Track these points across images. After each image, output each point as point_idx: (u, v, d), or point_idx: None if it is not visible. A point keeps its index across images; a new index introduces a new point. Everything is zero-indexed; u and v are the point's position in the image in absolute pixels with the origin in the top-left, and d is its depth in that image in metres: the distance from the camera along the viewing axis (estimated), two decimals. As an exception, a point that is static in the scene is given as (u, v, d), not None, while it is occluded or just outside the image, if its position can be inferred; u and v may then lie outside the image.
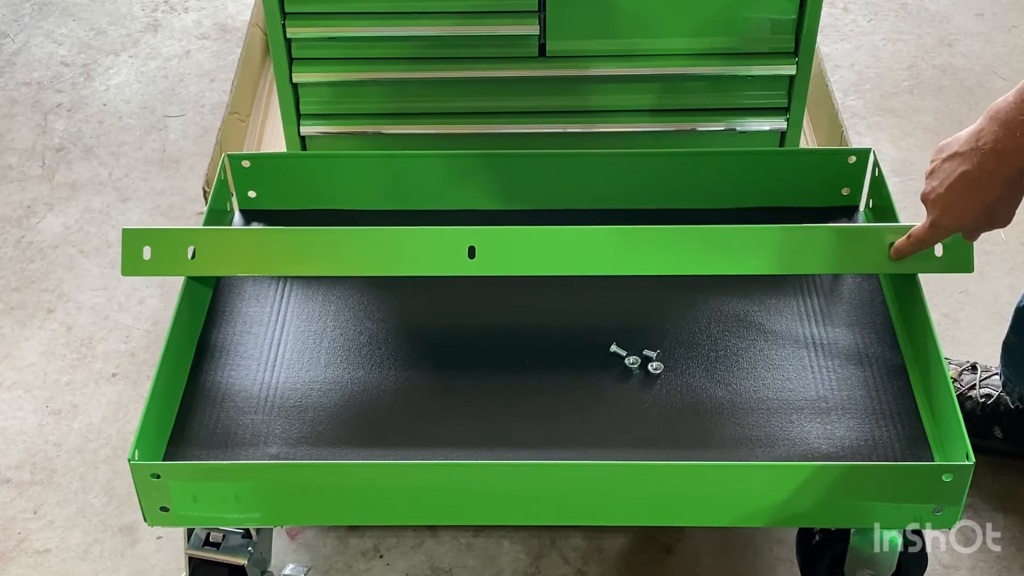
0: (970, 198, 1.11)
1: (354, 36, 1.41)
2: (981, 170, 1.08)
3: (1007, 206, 1.12)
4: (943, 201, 1.13)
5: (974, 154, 1.08)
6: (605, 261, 1.22)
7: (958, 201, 1.12)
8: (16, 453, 1.52)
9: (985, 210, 1.11)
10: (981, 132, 1.07)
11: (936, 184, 1.13)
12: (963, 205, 1.12)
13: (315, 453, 1.15)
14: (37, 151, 2.05)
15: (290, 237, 1.24)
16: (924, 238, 1.19)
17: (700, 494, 1.10)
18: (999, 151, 1.06)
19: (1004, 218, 1.13)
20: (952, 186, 1.11)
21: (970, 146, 1.09)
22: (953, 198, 1.12)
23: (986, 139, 1.07)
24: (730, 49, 1.41)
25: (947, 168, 1.12)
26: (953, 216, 1.14)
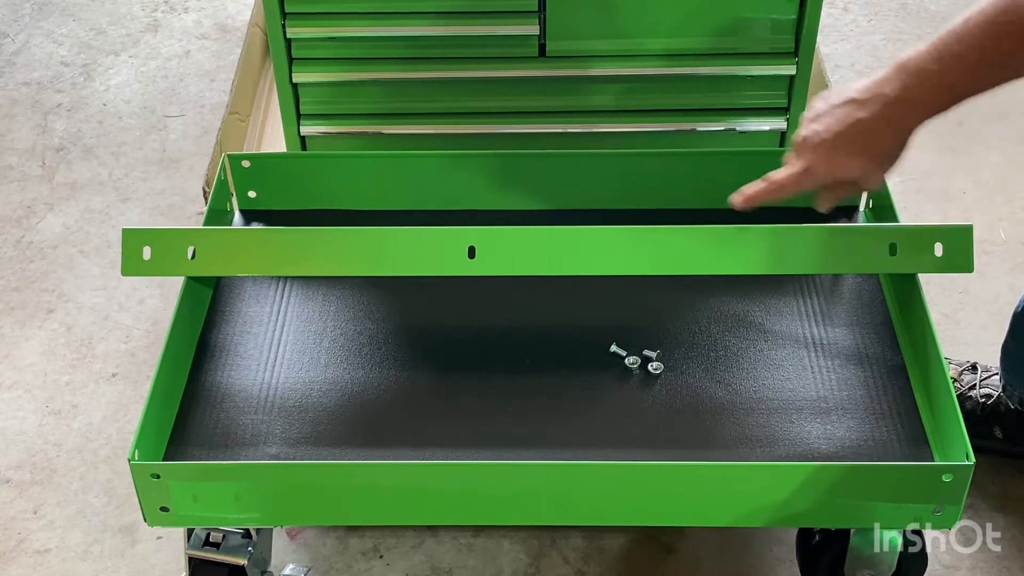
0: (859, 148, 1.06)
1: (354, 36, 1.41)
2: (879, 118, 1.04)
3: (887, 164, 1.08)
4: (827, 147, 1.07)
5: (875, 102, 1.04)
6: (605, 261, 1.22)
7: (844, 148, 1.06)
8: (16, 453, 1.52)
9: (868, 164, 1.07)
10: (886, 80, 1.03)
11: (821, 129, 1.07)
12: (848, 153, 1.07)
13: (315, 453, 1.15)
14: (37, 151, 2.05)
15: (290, 237, 1.24)
16: (788, 185, 1.12)
17: (700, 494, 1.10)
18: (903, 100, 1.02)
19: (875, 179, 1.10)
20: (843, 132, 1.06)
21: (871, 94, 1.04)
22: (840, 145, 1.06)
23: (892, 87, 1.02)
24: (730, 49, 1.41)
25: (839, 113, 1.06)
26: (832, 165, 1.08)
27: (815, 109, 1.10)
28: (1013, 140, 2.02)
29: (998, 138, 2.02)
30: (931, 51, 1.00)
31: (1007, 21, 0.94)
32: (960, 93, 1.01)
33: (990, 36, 0.96)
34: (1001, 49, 0.96)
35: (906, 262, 1.22)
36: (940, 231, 1.22)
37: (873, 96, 1.04)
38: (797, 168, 1.11)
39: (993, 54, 0.96)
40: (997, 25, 0.95)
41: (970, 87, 1.01)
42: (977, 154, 1.99)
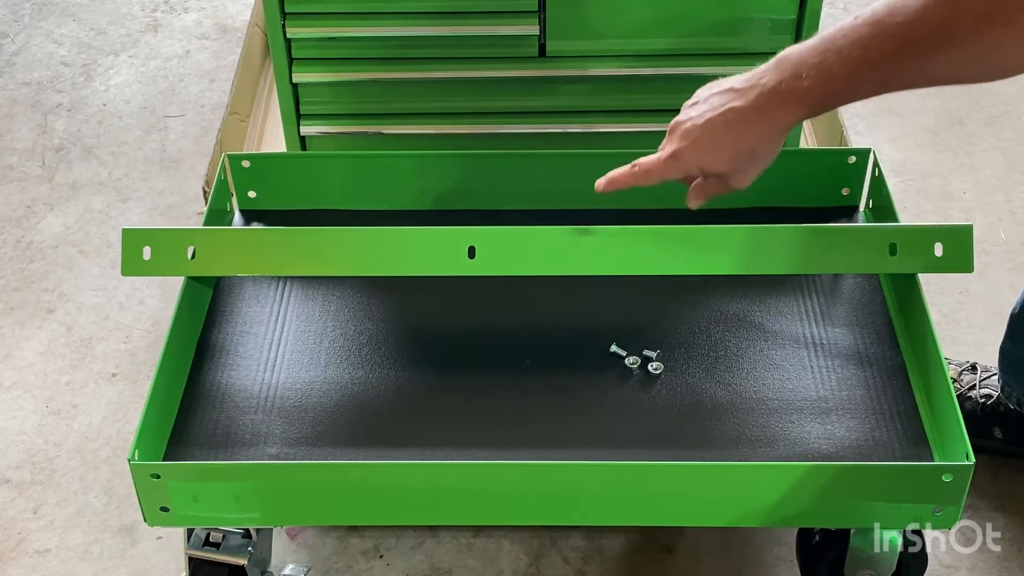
0: (728, 137, 1.02)
1: (354, 36, 1.41)
2: (752, 109, 1.00)
3: (757, 161, 1.05)
4: (696, 133, 1.04)
5: (751, 91, 1.00)
6: (605, 261, 1.22)
7: (714, 137, 1.03)
8: (16, 453, 1.52)
9: (735, 157, 1.04)
10: (766, 71, 1.00)
11: (695, 115, 1.04)
12: (716, 143, 1.03)
13: (315, 453, 1.15)
14: (37, 151, 2.05)
15: (290, 237, 1.24)
16: (654, 170, 1.08)
17: (700, 494, 1.10)
18: (779, 92, 0.98)
19: (744, 177, 1.06)
20: (714, 120, 1.02)
21: (750, 83, 1.00)
22: (710, 132, 1.03)
23: (768, 78, 0.99)
24: (730, 49, 1.41)
25: (716, 100, 1.03)
26: (699, 152, 1.04)
27: (696, 95, 1.07)
28: (1013, 140, 2.02)
29: (998, 138, 2.02)
30: (815, 45, 0.96)
31: (894, 22, 0.91)
32: (839, 93, 0.97)
33: (874, 35, 0.92)
34: (883, 49, 0.92)
35: (906, 262, 1.22)
36: (940, 231, 1.22)
37: (751, 86, 1.00)
38: (665, 153, 1.07)
39: (875, 54, 0.92)
40: (883, 25, 0.92)
41: (849, 88, 0.96)
42: (977, 154, 1.99)
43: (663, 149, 1.08)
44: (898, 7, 0.91)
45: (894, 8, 0.91)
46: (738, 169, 1.05)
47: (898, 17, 0.91)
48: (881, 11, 0.92)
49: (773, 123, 1.00)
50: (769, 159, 1.05)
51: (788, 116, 0.99)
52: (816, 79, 0.96)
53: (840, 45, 0.94)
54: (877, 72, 0.93)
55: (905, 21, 0.90)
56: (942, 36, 0.88)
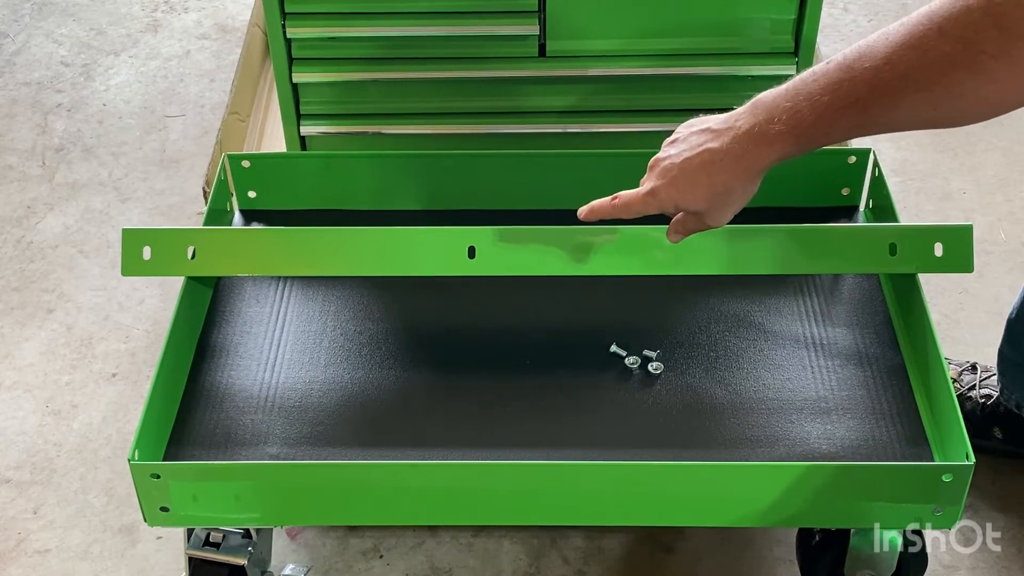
0: (703, 177, 1.03)
1: (354, 36, 1.41)
2: (726, 152, 1.01)
3: (730, 202, 1.05)
4: (674, 172, 1.05)
5: (727, 134, 1.01)
6: (605, 261, 1.22)
7: (689, 176, 1.04)
8: (16, 453, 1.52)
9: (710, 197, 1.04)
10: (741, 113, 1.01)
11: (674, 153, 1.06)
12: (692, 182, 1.04)
13: (315, 453, 1.15)
14: (37, 151, 2.05)
15: (290, 237, 1.24)
16: (633, 204, 1.09)
17: (700, 494, 1.10)
18: (753, 135, 0.99)
19: (719, 217, 1.07)
20: (691, 159, 1.04)
21: (726, 125, 1.02)
22: (686, 172, 1.04)
23: (743, 121, 1.00)
24: (730, 49, 1.41)
25: (693, 140, 1.04)
26: (675, 191, 1.05)
27: (676, 133, 1.08)
28: (1013, 140, 2.02)
29: (998, 138, 2.02)
30: (788, 89, 0.98)
31: (862, 67, 0.92)
32: (811, 137, 0.98)
33: (844, 80, 0.94)
34: (852, 94, 0.93)
35: (906, 262, 1.22)
36: (940, 231, 1.22)
37: (727, 128, 1.02)
38: (644, 189, 1.09)
39: (845, 99, 0.94)
40: (852, 70, 0.93)
41: (820, 132, 0.97)
42: (977, 154, 1.99)
43: (643, 184, 1.10)
44: (867, 53, 0.93)
45: (863, 54, 0.93)
46: (713, 208, 1.06)
47: (866, 62, 0.92)
48: (851, 56, 0.94)
49: (748, 165, 1.02)
50: (745, 199, 1.06)
51: (762, 159, 1.01)
52: (788, 123, 0.97)
53: (811, 90, 0.96)
54: (847, 117, 0.95)
55: (873, 66, 0.92)
56: (909, 82, 0.90)
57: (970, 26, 0.85)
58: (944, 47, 0.87)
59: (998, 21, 0.84)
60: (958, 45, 0.86)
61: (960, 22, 0.86)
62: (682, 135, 1.07)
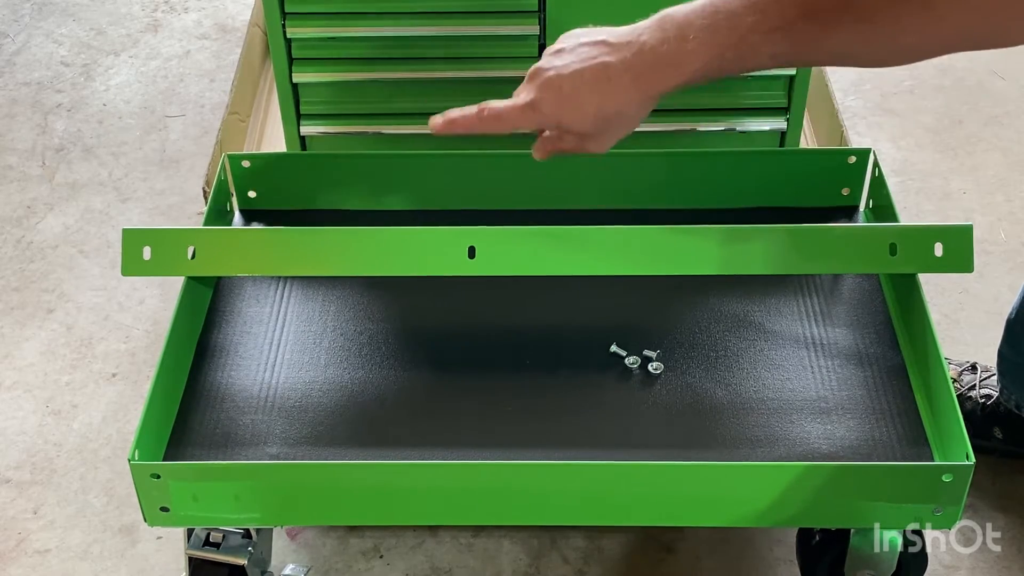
0: (594, 95, 0.93)
1: (354, 36, 1.41)
2: (626, 68, 0.91)
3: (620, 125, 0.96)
4: (561, 85, 0.94)
5: (627, 48, 0.91)
6: (605, 261, 1.22)
7: (579, 92, 0.93)
8: (16, 453, 1.52)
9: (600, 116, 0.94)
10: (646, 28, 0.91)
11: (561, 64, 0.94)
12: (582, 99, 0.94)
13: (315, 453, 1.15)
14: (37, 151, 2.05)
15: (290, 237, 1.24)
16: (507, 116, 0.98)
17: (700, 494, 1.10)
18: (659, 53, 0.89)
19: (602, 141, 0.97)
20: (582, 72, 0.93)
21: (626, 39, 0.92)
22: (575, 86, 0.93)
23: (648, 37, 0.90)
24: (730, 49, 1.41)
25: (585, 52, 0.94)
26: (560, 106, 0.95)
27: (560, 42, 0.98)
28: (1013, 140, 2.02)
29: (998, 138, 2.02)
30: (705, 5, 0.87)
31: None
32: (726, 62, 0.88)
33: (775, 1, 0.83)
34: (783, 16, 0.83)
35: (906, 262, 1.22)
36: (940, 231, 1.22)
37: (627, 43, 0.92)
38: (521, 100, 0.97)
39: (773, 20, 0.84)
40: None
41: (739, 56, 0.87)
42: (977, 154, 1.99)
43: (518, 95, 0.99)
44: None
45: None
46: (599, 131, 0.97)
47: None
48: None
49: (648, 86, 0.92)
50: (632, 126, 0.97)
51: (666, 81, 0.91)
52: (702, 43, 0.87)
53: (733, 7, 0.86)
54: (771, 41, 0.86)
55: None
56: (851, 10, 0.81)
57: None
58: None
59: None
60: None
61: None
62: (569, 45, 0.97)
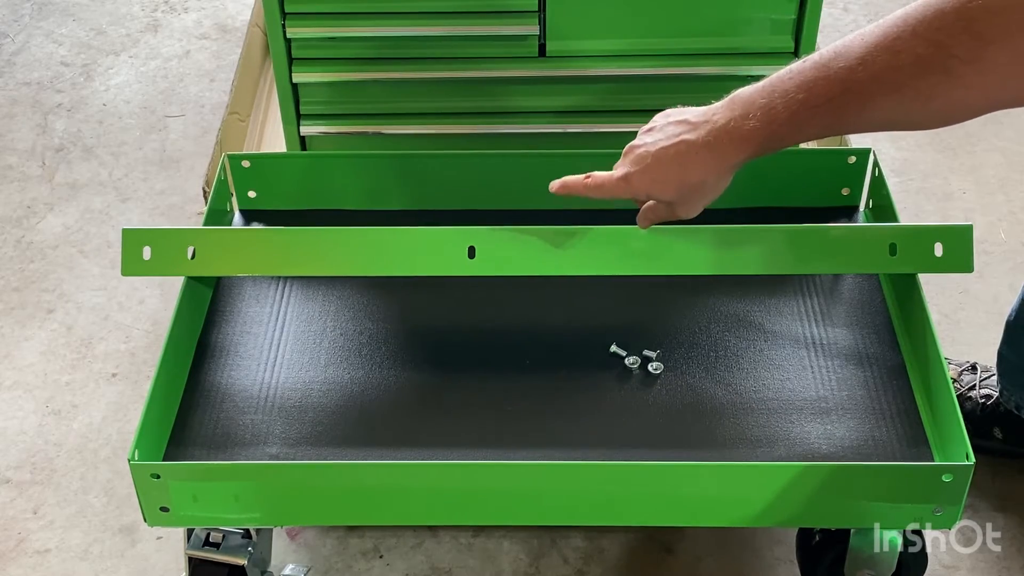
0: (677, 169, 1.05)
1: (354, 36, 1.41)
2: (702, 144, 1.03)
3: (702, 195, 1.07)
4: (648, 160, 1.06)
5: (703, 127, 1.03)
6: (605, 261, 1.22)
7: (664, 166, 1.05)
8: (16, 453, 1.52)
9: (681, 188, 1.06)
10: (718, 108, 1.03)
11: (650, 141, 1.07)
12: (666, 172, 1.06)
13: (315, 453, 1.15)
14: (37, 151, 2.05)
15: (290, 237, 1.24)
16: (605, 186, 1.11)
17: (700, 494, 1.10)
18: (728, 130, 1.01)
19: (689, 208, 1.09)
20: (666, 149, 1.05)
21: (703, 119, 1.03)
22: (660, 161, 1.06)
23: (719, 115, 1.02)
24: (730, 49, 1.41)
25: (670, 130, 1.06)
26: (648, 179, 1.07)
27: (653, 121, 1.09)
28: (1013, 140, 2.02)
29: (998, 138, 2.02)
30: (764, 85, 0.99)
31: (837, 67, 0.93)
32: (784, 134, 0.99)
33: (818, 79, 0.95)
34: (826, 94, 0.95)
35: (906, 262, 1.22)
36: (940, 231, 1.22)
37: (703, 121, 1.03)
38: (617, 174, 1.10)
39: (818, 97, 0.95)
40: (827, 68, 0.94)
41: (794, 129, 0.98)
42: (977, 154, 1.99)
43: (617, 168, 1.11)
44: (842, 52, 0.93)
45: (839, 53, 0.94)
46: (684, 200, 1.08)
47: (841, 62, 0.93)
48: (827, 55, 0.95)
49: (721, 160, 1.03)
50: (715, 194, 1.08)
51: (735, 154, 1.02)
52: (762, 119, 0.98)
53: (786, 87, 0.97)
54: (819, 116, 0.96)
55: (847, 66, 0.93)
56: (882, 83, 0.91)
57: (943, 30, 0.86)
58: (917, 49, 0.87)
59: (970, 26, 0.84)
60: (930, 48, 0.87)
61: (933, 25, 0.86)
62: (659, 124, 1.08)
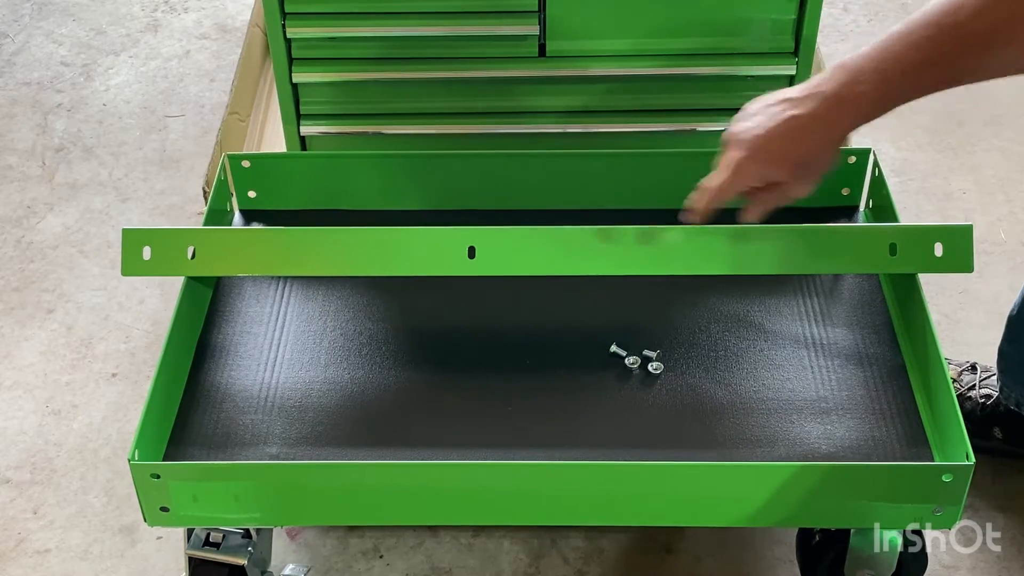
0: (789, 145, 1.05)
1: (354, 36, 1.41)
2: (813, 116, 1.03)
3: (817, 168, 1.07)
4: (759, 143, 1.06)
5: (810, 100, 1.03)
6: (605, 261, 1.22)
7: (775, 144, 1.05)
8: (16, 453, 1.52)
9: (798, 164, 1.06)
10: (824, 79, 1.03)
11: (752, 125, 1.06)
12: (779, 151, 1.05)
13: (315, 453, 1.15)
14: (37, 151, 2.05)
15: (290, 237, 1.24)
16: (724, 188, 1.10)
17: (700, 494, 1.10)
18: (840, 97, 1.01)
19: (803, 186, 1.09)
20: (776, 129, 1.04)
21: (807, 92, 1.03)
22: (770, 141, 1.05)
23: (827, 85, 1.02)
24: (730, 49, 1.41)
25: (773, 111, 1.05)
26: (763, 160, 1.06)
27: (748, 109, 1.09)
28: (1013, 140, 2.02)
29: (998, 138, 2.02)
30: (872, 51, 1.00)
31: (951, 23, 0.94)
32: (897, 95, 1.00)
33: (931, 38, 0.95)
34: (940, 51, 0.95)
35: (906, 262, 1.22)
36: (940, 231, 1.22)
37: (809, 95, 1.03)
38: (728, 169, 1.09)
39: (933, 55, 0.96)
40: (940, 26, 0.94)
41: (908, 89, 0.99)
42: (977, 154, 1.99)
43: (722, 164, 1.10)
44: (953, 7, 0.94)
45: (949, 9, 0.94)
46: (798, 177, 1.08)
47: (956, 17, 0.93)
48: (936, 13, 0.95)
49: (833, 129, 1.03)
50: (827, 167, 1.08)
51: (847, 122, 1.03)
52: (874, 83, 0.99)
53: (896, 49, 0.97)
54: (934, 72, 0.97)
55: (964, 21, 0.93)
56: (1001, 34, 0.91)
57: None
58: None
59: None
60: None
61: None
62: (755, 109, 1.08)
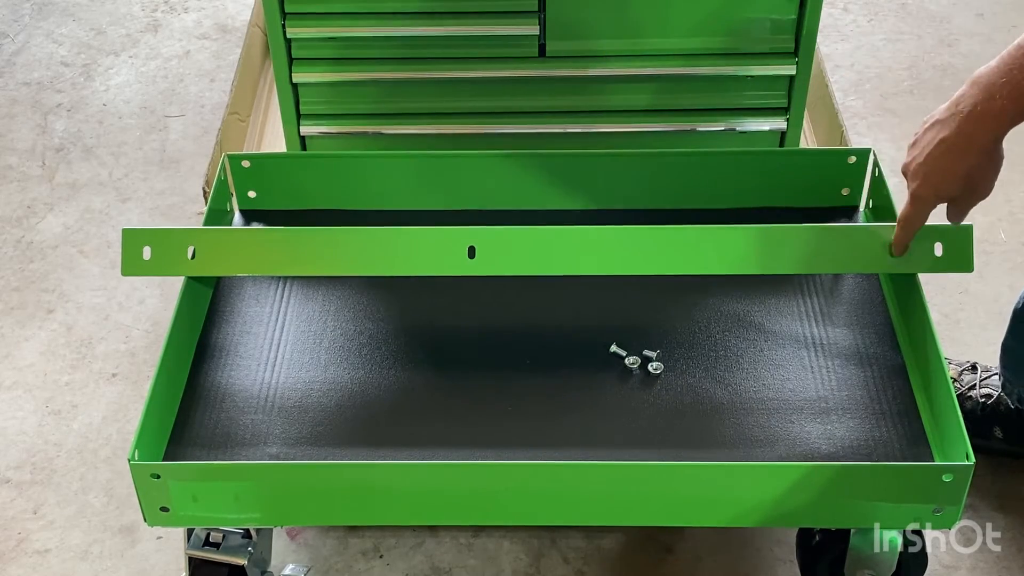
0: (948, 165, 1.10)
1: (354, 36, 1.41)
2: (958, 135, 1.07)
3: (984, 175, 1.11)
4: (923, 170, 1.12)
5: (953, 120, 1.07)
6: (606, 261, 1.22)
7: (936, 169, 1.10)
8: (16, 453, 1.52)
9: (962, 178, 1.10)
10: (961, 97, 1.07)
11: (917, 153, 1.12)
12: (941, 173, 1.10)
13: (315, 453, 1.15)
14: (37, 151, 2.05)
15: (290, 237, 1.24)
16: (911, 216, 1.17)
17: (700, 494, 1.10)
18: (977, 115, 1.05)
19: (983, 189, 1.12)
20: (932, 154, 1.10)
21: (950, 112, 1.08)
22: (931, 166, 1.11)
23: (965, 103, 1.06)
24: (730, 49, 1.41)
25: (928, 137, 1.11)
26: (932, 185, 1.12)
27: (915, 135, 1.14)
28: (1013, 140, 2.01)
29: (998, 138, 2.02)
30: (999, 64, 1.04)
31: None
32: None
33: None
34: None
35: (906, 262, 1.22)
36: (940, 231, 1.22)
37: (951, 115, 1.08)
38: (910, 201, 1.16)
39: None
40: None
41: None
42: (977, 154, 1.99)
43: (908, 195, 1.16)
44: None
45: None
46: (969, 189, 1.12)
47: None
48: None
49: (980, 143, 1.07)
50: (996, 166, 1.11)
51: (991, 133, 1.07)
52: (1008, 97, 1.04)
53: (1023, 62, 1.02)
54: None
55: None
56: None
57: None
58: None
59: None
60: None
61: None
62: (918, 136, 1.13)
